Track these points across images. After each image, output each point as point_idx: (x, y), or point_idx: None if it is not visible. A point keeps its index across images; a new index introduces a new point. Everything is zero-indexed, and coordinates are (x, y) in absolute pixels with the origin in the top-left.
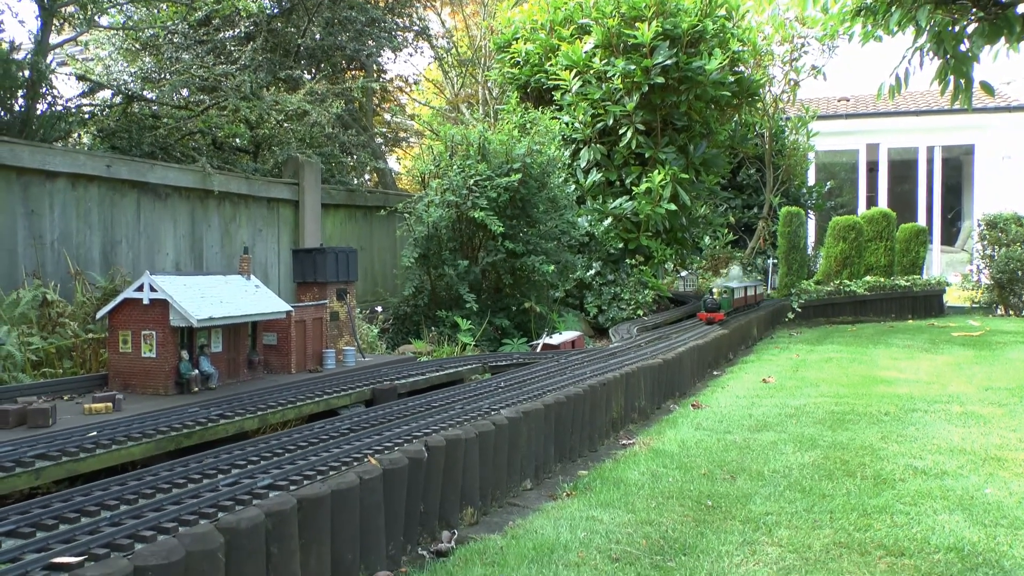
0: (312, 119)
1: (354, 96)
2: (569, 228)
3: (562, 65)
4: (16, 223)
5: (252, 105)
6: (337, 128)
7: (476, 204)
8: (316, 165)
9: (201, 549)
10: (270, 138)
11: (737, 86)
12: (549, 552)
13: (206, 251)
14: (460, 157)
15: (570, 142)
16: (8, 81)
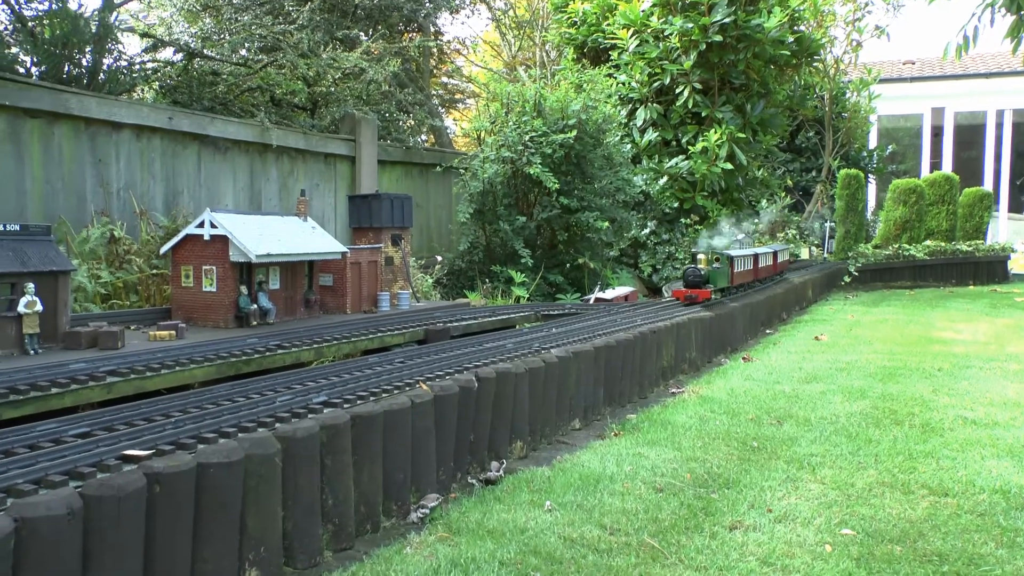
0: (369, 77)
1: (411, 56)
2: (624, 185)
3: (619, 24)
4: (85, 171)
5: (310, 62)
6: (394, 87)
7: (531, 160)
8: (373, 122)
9: (260, 452)
10: (327, 95)
11: (797, 45)
12: (595, 482)
13: (264, 204)
14: (516, 114)
15: (626, 101)
16: (77, 36)
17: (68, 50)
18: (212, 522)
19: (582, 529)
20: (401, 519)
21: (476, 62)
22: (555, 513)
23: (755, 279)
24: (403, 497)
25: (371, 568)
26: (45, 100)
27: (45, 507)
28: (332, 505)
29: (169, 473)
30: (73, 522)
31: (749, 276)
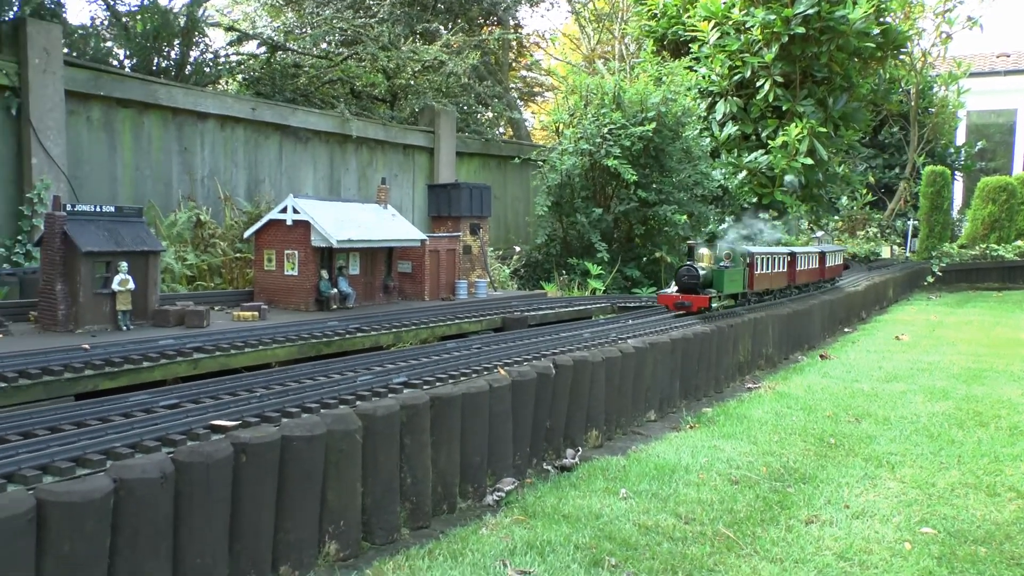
0: (448, 69)
1: (490, 49)
2: (702, 179)
3: (700, 16)
4: (171, 158)
5: (390, 55)
6: (473, 79)
7: (610, 152)
8: (452, 114)
9: (341, 428)
10: (407, 88)
11: (882, 37)
12: (670, 472)
13: (343, 193)
14: (595, 106)
15: (706, 95)
16: (167, 30)
17: (158, 43)
18: (294, 494)
19: (657, 517)
20: (477, 501)
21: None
22: (630, 501)
23: (790, 284)
24: (479, 480)
25: (447, 547)
26: (136, 91)
27: (140, 470)
28: (410, 484)
29: (255, 443)
30: (166, 485)
31: (780, 280)
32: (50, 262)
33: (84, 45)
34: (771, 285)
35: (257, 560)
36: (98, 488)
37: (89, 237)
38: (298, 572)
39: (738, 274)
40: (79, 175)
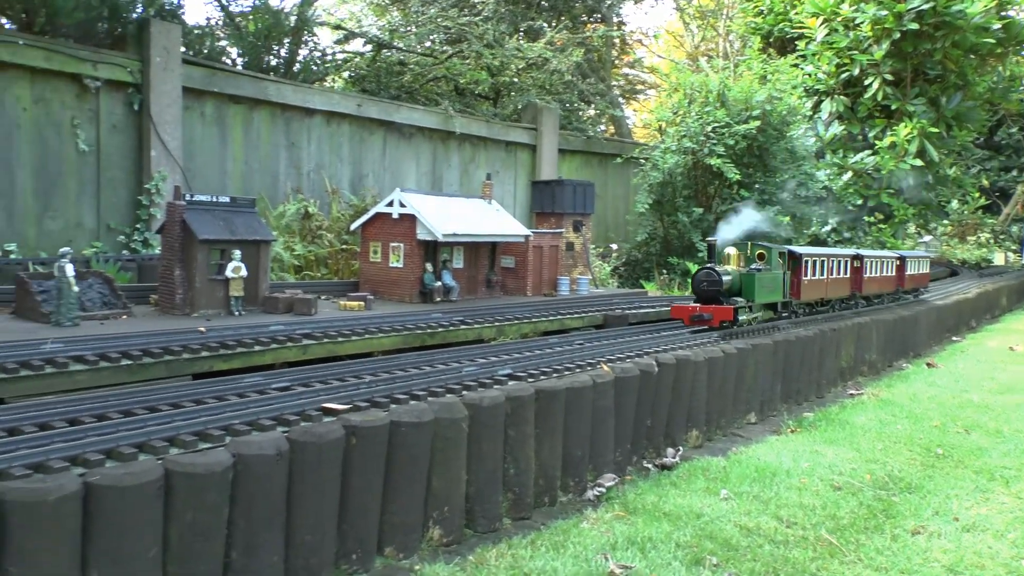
0: (552, 67)
1: (594, 46)
2: (806, 180)
3: (808, 13)
4: (279, 152)
5: (494, 52)
6: (576, 77)
7: (713, 151)
8: (555, 112)
9: (448, 416)
10: (510, 85)
11: (1004, 32)
12: (771, 476)
13: (445, 189)
14: (699, 104)
15: (811, 93)
16: (277, 30)
17: (268, 42)
18: (401, 478)
19: (758, 519)
20: (577, 495)
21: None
22: (731, 502)
23: (855, 293)
24: (580, 474)
25: (549, 538)
26: (247, 87)
27: (258, 446)
28: (513, 474)
29: (365, 427)
30: (280, 463)
31: (840, 288)
32: (169, 248)
33: (200, 44)
34: (826, 294)
35: (363, 540)
36: (219, 461)
37: (206, 225)
38: (402, 554)
39: (775, 280)
40: (192, 167)
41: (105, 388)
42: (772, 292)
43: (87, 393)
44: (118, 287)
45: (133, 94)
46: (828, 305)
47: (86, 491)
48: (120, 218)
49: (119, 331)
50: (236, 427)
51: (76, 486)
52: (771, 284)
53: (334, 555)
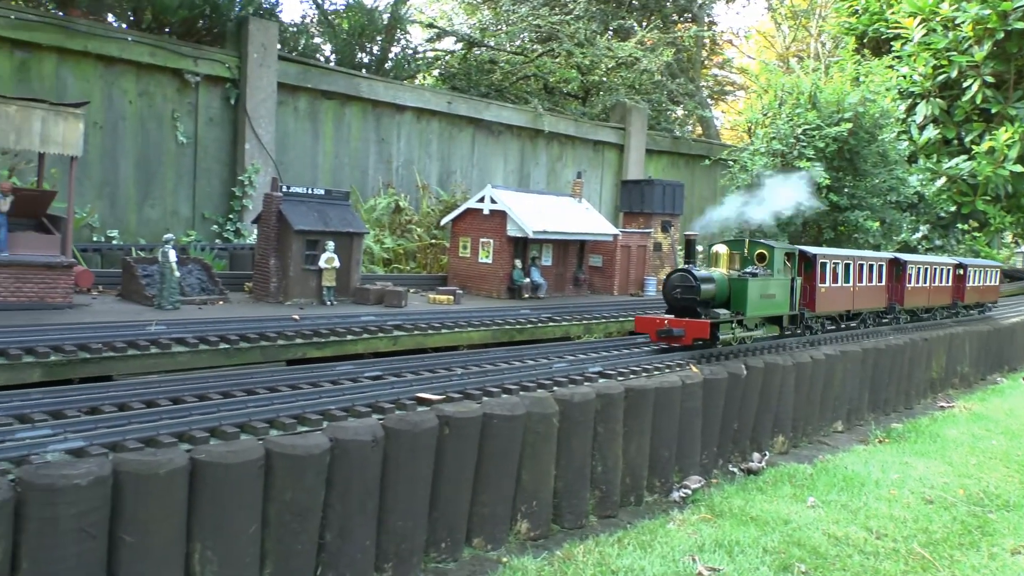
0: (642, 66)
1: (684, 45)
2: (898, 185)
3: (905, 12)
4: (369, 147)
5: (585, 51)
6: (666, 76)
7: (803, 154)
8: (643, 111)
9: (539, 411)
10: (599, 84)
11: None
12: (859, 486)
13: (532, 187)
14: (789, 106)
15: (906, 96)
16: (371, 27)
17: (361, 39)
18: (492, 469)
19: (847, 529)
20: (663, 496)
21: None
22: (818, 510)
23: (893, 304)
24: (666, 474)
25: (636, 537)
26: (340, 83)
27: (354, 432)
28: (600, 472)
29: (458, 417)
30: (376, 449)
31: (873, 299)
32: (265, 238)
33: (295, 41)
34: (853, 305)
35: (453, 529)
36: (318, 444)
37: (301, 217)
38: (490, 546)
39: (778, 287)
40: (284, 160)
41: (204, 370)
42: (773, 303)
43: (187, 374)
44: (215, 274)
45: (230, 89)
46: (858, 319)
47: (193, 466)
48: (214, 208)
49: (216, 316)
50: (333, 412)
51: (184, 461)
52: (772, 292)
53: (424, 543)
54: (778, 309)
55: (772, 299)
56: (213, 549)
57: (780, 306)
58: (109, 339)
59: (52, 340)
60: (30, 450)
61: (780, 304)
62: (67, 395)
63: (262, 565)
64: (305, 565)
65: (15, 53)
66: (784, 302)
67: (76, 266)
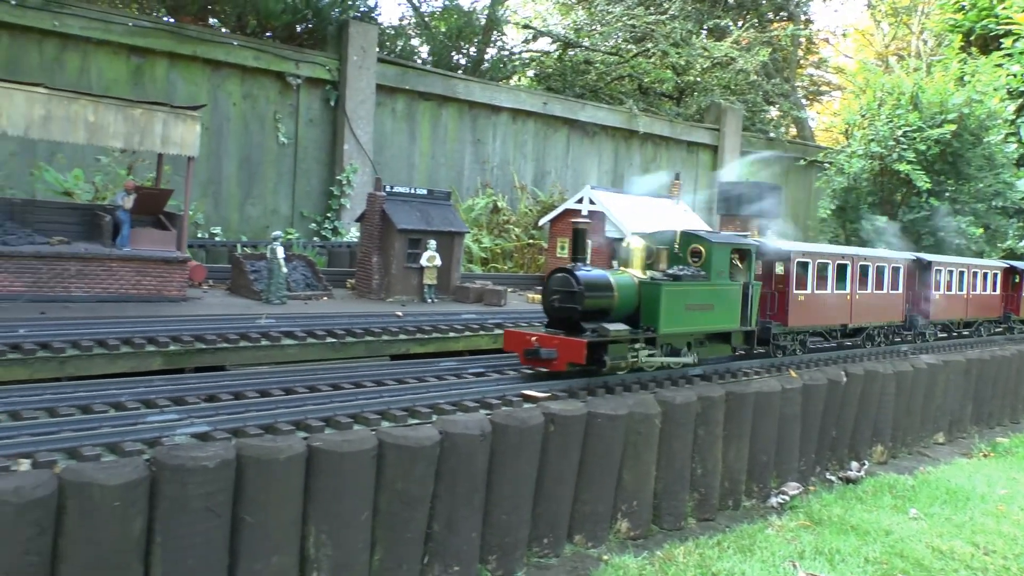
0: (737, 66)
1: (781, 44)
2: (1004, 190)
3: (1017, 7)
4: (464, 148)
5: (680, 51)
6: (761, 77)
7: (902, 156)
8: (739, 112)
9: (642, 412)
10: (694, 84)
11: None
12: (964, 500)
13: (625, 188)
14: (889, 107)
15: (1016, 95)
16: (468, 29)
17: (458, 41)
18: (594, 467)
19: (951, 543)
20: (761, 501)
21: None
22: (921, 522)
23: (914, 317)
24: (764, 480)
25: (735, 541)
26: (437, 85)
27: (463, 426)
28: (700, 475)
29: (564, 415)
30: (483, 443)
31: (884, 310)
32: (368, 236)
33: (392, 43)
34: (851, 319)
35: (555, 526)
36: (428, 436)
37: (404, 216)
38: (591, 543)
39: (722, 294)
40: (381, 160)
41: (311, 362)
42: (708, 316)
43: (296, 366)
44: (319, 271)
45: (330, 91)
46: (862, 335)
47: (310, 453)
48: (312, 207)
49: (322, 311)
50: (441, 406)
51: (302, 448)
52: (707, 302)
53: (527, 537)
54: (719, 324)
55: (707, 311)
56: (327, 533)
57: (722, 319)
58: (222, 331)
59: (170, 331)
60: (160, 433)
61: (722, 317)
62: (186, 383)
63: (372, 551)
64: (413, 554)
65: (131, 58)
66: (730, 315)
67: (190, 261)
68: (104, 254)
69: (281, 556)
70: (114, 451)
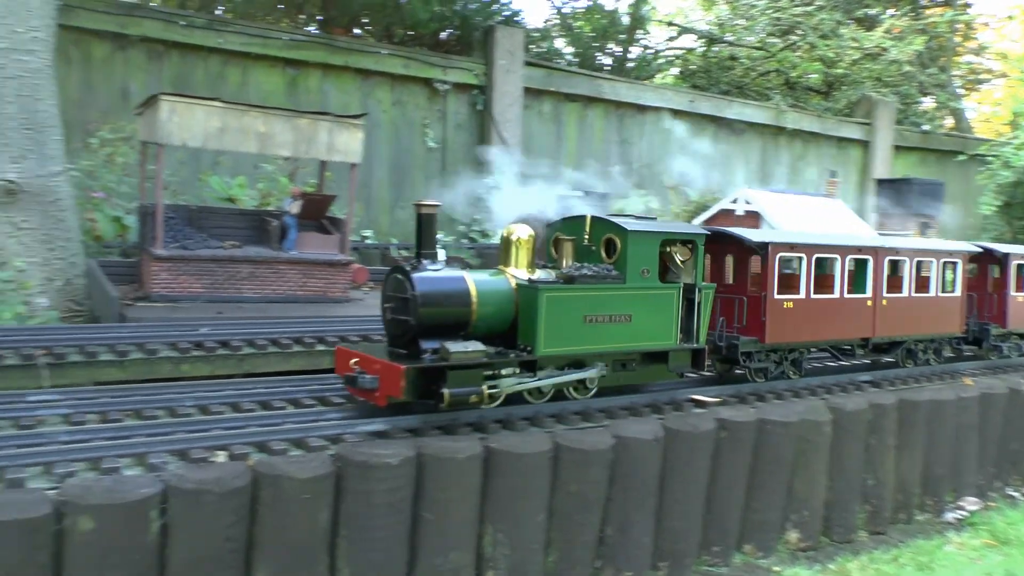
0: (890, 57)
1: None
2: None
3: None
4: (610, 148)
5: (829, 43)
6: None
7: None
8: (891, 105)
9: (813, 419)
10: (843, 77)
11: None
12: None
13: (773, 186)
14: None
15: None
16: (613, 28)
17: (603, 41)
18: (765, 475)
19: None
20: (935, 516)
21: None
22: None
23: (989, 325)
24: (939, 493)
25: (913, 557)
26: (583, 86)
27: (636, 430)
28: (871, 486)
29: (735, 421)
30: (656, 448)
31: (907, 321)
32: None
33: (537, 46)
34: (872, 331)
35: (725, 534)
36: (603, 440)
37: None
38: (761, 553)
39: (647, 301)
40: (528, 162)
41: None
42: (622, 330)
43: None
44: None
45: (477, 95)
46: (900, 350)
47: (487, 454)
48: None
49: None
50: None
51: (480, 448)
52: (621, 312)
53: (698, 545)
54: (642, 341)
55: (621, 324)
56: (504, 532)
57: (647, 335)
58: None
59: (336, 330)
60: (343, 430)
61: (647, 332)
62: None
63: (546, 552)
64: (586, 556)
65: (286, 70)
66: (660, 328)
67: (353, 264)
68: (273, 257)
69: (458, 553)
70: (299, 446)
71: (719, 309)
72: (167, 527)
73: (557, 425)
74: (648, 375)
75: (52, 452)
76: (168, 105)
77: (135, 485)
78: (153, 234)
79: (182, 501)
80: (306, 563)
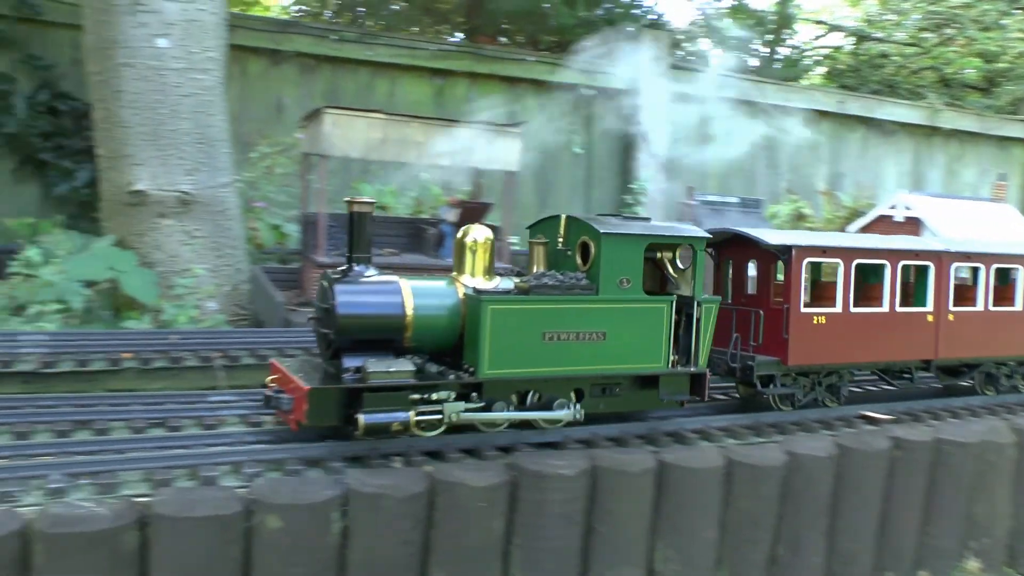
0: None
1: None
2: None
3: None
4: (757, 152)
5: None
6: None
7: None
8: None
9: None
10: (1006, 72)
11: None
12: None
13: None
14: None
15: None
16: (759, 29)
17: (747, 42)
18: (941, 498)
19: None
20: None
21: None
22: None
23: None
24: None
25: None
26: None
27: (809, 447)
28: None
29: (910, 440)
30: (830, 464)
31: (983, 340)
32: None
33: (682, 49)
34: (934, 352)
35: (899, 558)
36: (776, 456)
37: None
38: None
39: (636, 320)
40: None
41: None
42: (594, 350)
43: None
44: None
45: (622, 100)
46: (975, 374)
47: (660, 468)
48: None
49: None
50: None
51: (653, 462)
52: (594, 329)
53: (871, 568)
54: (621, 362)
55: (594, 343)
56: (675, 548)
57: (627, 356)
58: None
59: None
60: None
61: (628, 352)
62: None
63: (717, 569)
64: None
65: (433, 79)
66: (644, 348)
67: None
68: (430, 264)
69: (630, 568)
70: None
71: (734, 324)
72: (347, 528)
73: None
74: (634, 402)
75: (239, 453)
76: (331, 118)
77: (319, 487)
78: (315, 242)
79: (362, 504)
80: (480, 570)
